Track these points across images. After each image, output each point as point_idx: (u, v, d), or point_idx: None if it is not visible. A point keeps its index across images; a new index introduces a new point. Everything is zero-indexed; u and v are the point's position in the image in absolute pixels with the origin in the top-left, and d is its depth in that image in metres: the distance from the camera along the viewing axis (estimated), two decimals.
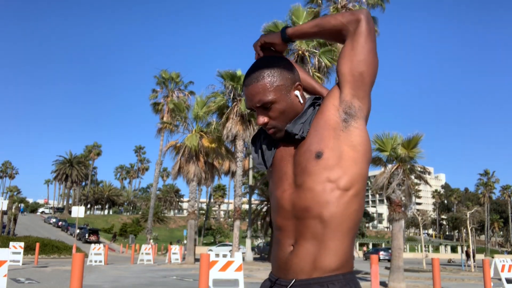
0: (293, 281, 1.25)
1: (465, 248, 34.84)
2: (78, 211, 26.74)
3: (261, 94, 1.31)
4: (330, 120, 1.30)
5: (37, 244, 21.94)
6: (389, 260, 30.30)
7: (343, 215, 1.24)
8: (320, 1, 21.86)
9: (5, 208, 29.12)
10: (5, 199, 36.78)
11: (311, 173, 1.26)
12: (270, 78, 1.32)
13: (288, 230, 1.30)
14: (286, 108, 1.33)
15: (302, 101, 1.37)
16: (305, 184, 1.27)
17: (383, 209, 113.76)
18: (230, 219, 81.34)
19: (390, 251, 20.12)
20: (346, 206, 1.24)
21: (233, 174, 35.40)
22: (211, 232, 67.65)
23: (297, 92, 1.36)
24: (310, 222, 1.24)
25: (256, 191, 32.91)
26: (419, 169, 15.72)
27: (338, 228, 1.23)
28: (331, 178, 1.24)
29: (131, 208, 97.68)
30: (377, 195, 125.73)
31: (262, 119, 1.34)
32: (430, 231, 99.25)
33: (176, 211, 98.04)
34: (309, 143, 1.30)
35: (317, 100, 1.39)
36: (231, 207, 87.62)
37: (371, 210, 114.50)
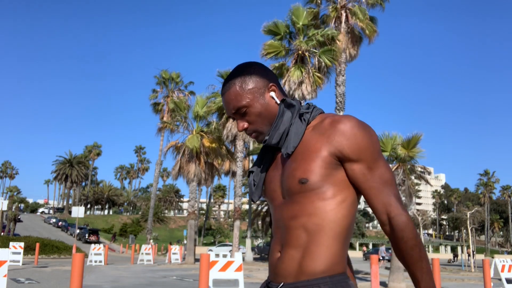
0: (281, 284, 1.27)
1: (465, 249, 34.84)
2: (78, 211, 26.78)
3: (234, 100, 1.33)
4: (323, 156, 1.25)
5: (37, 244, 21.94)
6: (389, 260, 30.30)
7: (329, 222, 1.23)
8: (319, 1, 21.86)
9: (5, 208, 29.11)
10: (5, 199, 36.76)
11: (297, 193, 1.26)
12: (241, 83, 1.33)
13: (277, 237, 1.32)
14: (262, 111, 1.34)
15: (278, 102, 1.36)
16: (292, 199, 1.28)
17: None
18: (230, 219, 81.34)
19: (390, 251, 20.22)
20: (333, 213, 1.23)
21: (233, 174, 35.44)
22: (211, 232, 67.63)
23: (272, 94, 1.36)
24: (294, 231, 1.25)
25: None
26: (419, 169, 15.72)
27: (324, 235, 1.22)
28: (318, 192, 1.24)
29: (131, 208, 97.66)
30: None
31: (242, 125, 1.36)
32: (430, 231, 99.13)
33: (176, 211, 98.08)
34: (294, 167, 1.28)
35: (308, 109, 1.36)
36: (231, 207, 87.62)
37: (371, 210, 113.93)
